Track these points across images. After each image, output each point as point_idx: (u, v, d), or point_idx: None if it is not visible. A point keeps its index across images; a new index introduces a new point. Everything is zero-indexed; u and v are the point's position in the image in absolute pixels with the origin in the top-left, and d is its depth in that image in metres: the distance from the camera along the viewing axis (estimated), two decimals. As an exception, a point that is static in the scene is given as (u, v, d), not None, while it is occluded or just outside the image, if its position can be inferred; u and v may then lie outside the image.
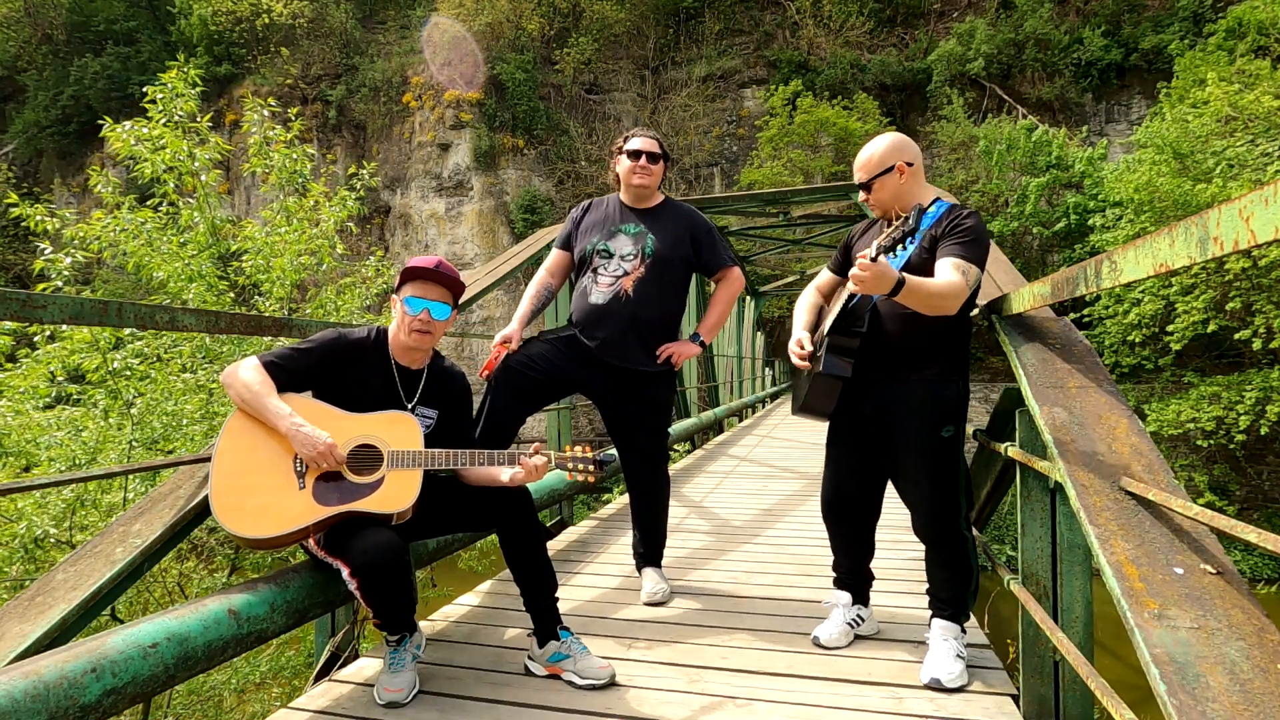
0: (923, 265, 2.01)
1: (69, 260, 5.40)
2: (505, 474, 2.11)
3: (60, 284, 5.34)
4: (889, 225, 2.05)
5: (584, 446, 2.16)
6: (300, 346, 2.06)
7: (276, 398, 1.95)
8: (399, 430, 2.03)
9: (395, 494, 1.95)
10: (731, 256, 2.90)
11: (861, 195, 2.19)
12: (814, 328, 2.31)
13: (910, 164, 2.11)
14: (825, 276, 2.41)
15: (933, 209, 2.09)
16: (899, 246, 1.81)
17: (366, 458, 1.98)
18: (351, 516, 1.93)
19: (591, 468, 2.12)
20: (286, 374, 2.01)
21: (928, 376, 2.08)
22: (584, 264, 2.80)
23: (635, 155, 2.73)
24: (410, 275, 2.10)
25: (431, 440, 2.13)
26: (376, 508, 1.93)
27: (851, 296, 2.07)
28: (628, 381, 2.73)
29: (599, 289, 2.72)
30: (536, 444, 2.14)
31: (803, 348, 2.23)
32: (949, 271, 1.93)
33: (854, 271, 1.82)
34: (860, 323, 2.10)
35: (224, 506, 1.85)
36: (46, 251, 5.38)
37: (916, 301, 1.91)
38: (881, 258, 1.82)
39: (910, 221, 1.74)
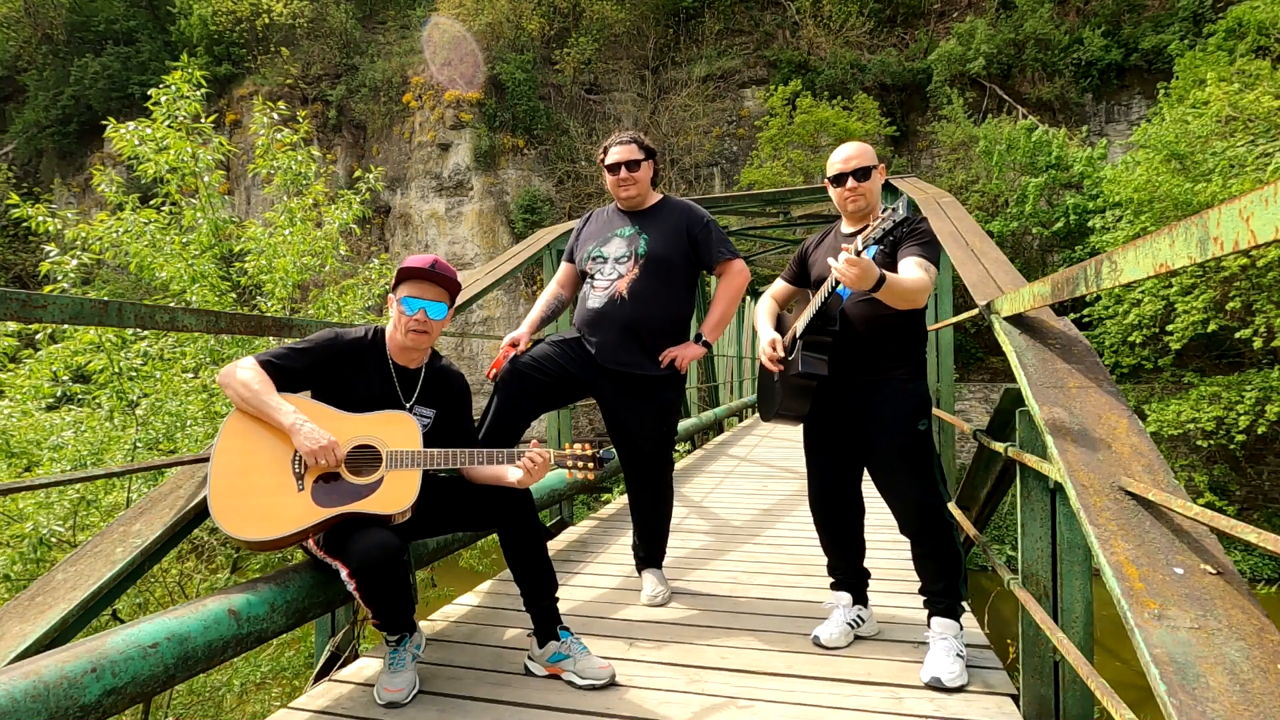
0: (885, 267, 2.07)
1: (74, 262, 5.40)
2: (512, 474, 2.11)
3: (67, 285, 5.35)
4: (850, 229, 2.27)
5: (583, 445, 2.15)
6: (297, 346, 2.06)
7: (277, 395, 1.95)
8: (397, 430, 2.02)
9: (394, 495, 1.95)
10: (732, 249, 2.79)
11: (850, 182, 2.21)
12: (780, 332, 2.36)
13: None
14: (780, 286, 2.48)
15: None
16: (877, 240, 1.86)
17: (365, 458, 1.98)
18: (350, 517, 1.93)
19: (591, 465, 2.11)
20: (284, 373, 2.00)
21: (902, 376, 2.20)
22: (585, 274, 2.83)
23: (614, 169, 2.72)
24: (406, 275, 2.10)
25: (430, 440, 2.13)
26: (375, 509, 1.93)
27: (825, 297, 2.11)
28: (632, 386, 2.71)
29: (596, 293, 2.72)
30: (534, 439, 2.13)
31: (775, 349, 2.27)
32: (914, 269, 2.04)
33: (841, 267, 1.86)
34: (834, 322, 2.16)
35: (222, 508, 1.85)
36: (52, 254, 5.38)
37: (893, 297, 1.98)
38: (864, 253, 1.87)
39: (900, 211, 1.79)
